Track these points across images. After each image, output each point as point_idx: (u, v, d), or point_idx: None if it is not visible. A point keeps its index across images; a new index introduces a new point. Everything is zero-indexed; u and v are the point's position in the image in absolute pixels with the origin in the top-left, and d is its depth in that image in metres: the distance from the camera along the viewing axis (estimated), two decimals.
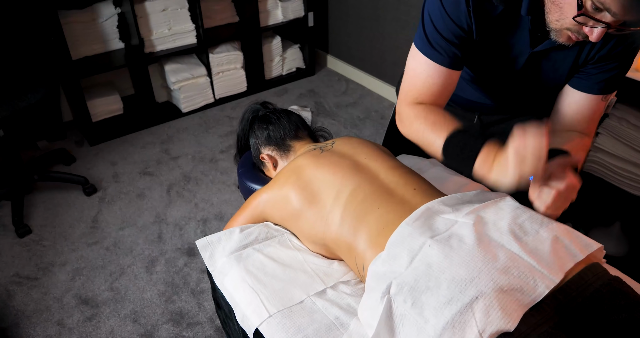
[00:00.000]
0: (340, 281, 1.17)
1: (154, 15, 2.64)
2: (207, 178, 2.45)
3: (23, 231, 2.12)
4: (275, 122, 1.44)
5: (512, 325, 0.81)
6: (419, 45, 1.07)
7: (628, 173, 1.79)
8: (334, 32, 3.32)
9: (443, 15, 1.01)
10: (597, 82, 1.05)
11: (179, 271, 1.95)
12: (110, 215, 2.24)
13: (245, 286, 1.15)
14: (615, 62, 1.03)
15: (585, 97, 1.08)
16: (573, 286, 0.88)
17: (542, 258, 0.89)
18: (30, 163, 2.42)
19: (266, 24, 3.04)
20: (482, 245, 0.90)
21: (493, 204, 1.01)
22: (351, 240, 1.09)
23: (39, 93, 2.09)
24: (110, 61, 2.65)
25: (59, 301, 1.84)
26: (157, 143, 2.73)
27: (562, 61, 1.05)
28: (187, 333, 1.71)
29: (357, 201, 1.11)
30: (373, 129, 2.82)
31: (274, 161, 1.43)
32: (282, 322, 1.07)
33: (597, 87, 1.06)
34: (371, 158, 1.23)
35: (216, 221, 2.19)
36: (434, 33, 1.03)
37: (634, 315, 0.86)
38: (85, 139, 2.76)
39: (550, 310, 0.86)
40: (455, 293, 0.84)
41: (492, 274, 0.85)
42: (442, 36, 1.03)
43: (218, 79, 2.97)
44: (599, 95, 1.07)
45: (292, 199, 1.20)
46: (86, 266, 1.98)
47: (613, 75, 1.04)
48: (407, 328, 0.88)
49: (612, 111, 1.79)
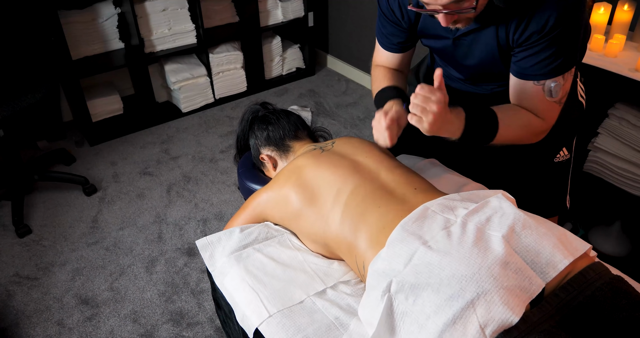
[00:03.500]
0: (340, 281, 1.17)
1: (154, 15, 2.64)
2: (207, 178, 2.45)
3: (23, 231, 2.12)
4: (275, 122, 1.44)
5: (514, 319, 0.81)
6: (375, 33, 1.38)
7: (628, 173, 1.79)
8: (334, 32, 3.32)
9: (380, 13, 1.29)
10: (525, 68, 1.10)
11: (179, 271, 1.95)
12: (110, 215, 2.24)
13: (245, 286, 1.15)
14: (538, 47, 1.06)
15: (519, 82, 1.13)
16: (575, 285, 0.89)
17: (539, 256, 0.90)
18: (30, 163, 2.42)
19: (266, 24, 3.04)
20: (481, 242, 0.91)
21: (492, 202, 1.01)
22: (351, 239, 1.09)
23: (39, 93, 2.09)
24: (110, 61, 2.65)
25: (59, 301, 1.84)
26: (157, 143, 2.73)
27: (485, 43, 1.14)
28: (187, 333, 1.71)
29: (357, 200, 1.11)
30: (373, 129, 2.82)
31: (274, 161, 1.43)
32: (282, 321, 1.07)
33: (526, 72, 1.10)
34: (371, 158, 1.23)
35: (216, 221, 2.19)
36: (378, 28, 1.34)
37: (634, 314, 0.86)
38: (85, 139, 2.76)
39: (551, 308, 0.86)
40: (456, 290, 0.85)
41: (492, 270, 0.86)
42: (382, 32, 1.33)
43: (218, 79, 2.97)
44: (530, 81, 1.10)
45: (293, 199, 1.20)
46: (86, 266, 1.98)
47: (540, 61, 1.07)
48: (408, 325, 0.88)
49: (612, 111, 1.79)
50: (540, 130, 1.17)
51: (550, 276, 0.88)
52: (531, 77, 1.11)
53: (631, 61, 1.65)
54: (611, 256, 1.90)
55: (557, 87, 1.09)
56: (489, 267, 0.86)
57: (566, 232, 0.98)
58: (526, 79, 1.12)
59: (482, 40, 1.14)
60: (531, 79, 1.11)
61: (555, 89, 1.09)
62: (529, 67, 1.10)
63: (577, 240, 0.97)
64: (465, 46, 1.18)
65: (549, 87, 1.09)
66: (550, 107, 1.14)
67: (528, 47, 1.07)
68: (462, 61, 1.24)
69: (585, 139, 1.88)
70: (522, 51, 1.09)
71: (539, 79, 1.10)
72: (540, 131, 1.17)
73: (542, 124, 1.16)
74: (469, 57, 1.21)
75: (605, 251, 1.91)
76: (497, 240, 0.91)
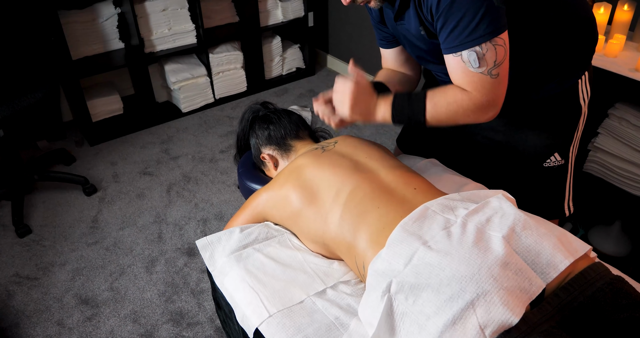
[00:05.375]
0: (340, 281, 1.17)
1: (154, 15, 2.64)
2: (207, 178, 2.45)
3: (23, 231, 2.12)
4: (276, 122, 1.44)
5: (514, 320, 0.81)
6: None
7: (628, 173, 1.79)
8: (334, 32, 3.32)
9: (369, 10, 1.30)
10: (442, 42, 1.10)
11: (179, 271, 1.95)
12: (110, 215, 2.24)
13: (245, 286, 1.15)
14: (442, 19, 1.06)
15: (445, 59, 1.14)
16: (575, 285, 0.89)
17: (539, 256, 0.90)
18: (30, 163, 2.42)
19: (266, 24, 3.04)
20: (481, 242, 0.91)
21: (492, 203, 1.01)
22: (351, 239, 1.09)
23: (39, 93, 2.09)
24: (110, 61, 2.65)
25: (59, 301, 1.84)
26: (157, 143, 2.73)
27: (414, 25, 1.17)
28: (187, 333, 1.71)
29: (356, 200, 1.11)
30: (373, 129, 2.83)
31: (275, 161, 1.43)
32: (282, 322, 1.07)
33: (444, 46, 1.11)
34: (371, 158, 1.23)
35: (216, 221, 2.19)
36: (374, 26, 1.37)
37: (635, 314, 0.86)
38: (85, 139, 2.76)
39: (552, 309, 0.86)
40: (456, 290, 0.85)
41: (492, 270, 0.86)
42: (375, 29, 1.37)
43: (218, 79, 2.97)
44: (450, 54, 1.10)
45: (292, 198, 1.20)
46: (86, 266, 1.98)
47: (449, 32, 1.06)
48: (408, 326, 0.88)
49: (612, 111, 1.79)
50: (474, 105, 1.12)
51: (551, 276, 0.88)
52: (447, 51, 1.10)
53: (631, 61, 1.65)
54: (611, 256, 1.90)
55: (473, 56, 1.05)
56: (489, 268, 0.86)
57: (566, 233, 0.98)
58: (446, 54, 1.11)
59: (411, 23, 1.16)
60: (449, 53, 1.09)
61: (472, 58, 1.06)
62: (444, 41, 1.09)
63: (577, 240, 0.97)
64: (405, 29, 1.21)
65: (467, 58, 1.07)
66: (477, 79, 1.09)
67: (437, 21, 1.07)
68: (411, 45, 1.26)
69: (585, 139, 1.88)
70: (436, 27, 1.09)
71: (453, 51, 1.08)
72: (474, 105, 1.12)
73: (472, 98, 1.11)
74: (412, 40, 1.23)
75: (605, 251, 1.91)
76: (497, 241, 0.91)
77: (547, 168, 1.38)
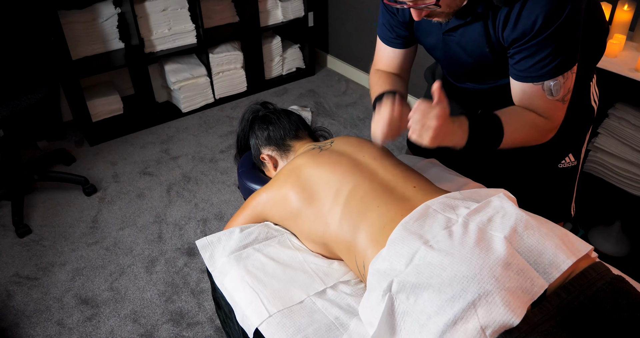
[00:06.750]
0: (340, 281, 1.17)
1: (154, 15, 2.64)
2: (207, 178, 2.45)
3: (23, 231, 2.12)
4: (276, 122, 1.44)
5: (515, 320, 0.81)
6: (377, 30, 1.37)
7: (628, 173, 1.79)
8: (334, 32, 3.31)
9: (381, 3, 1.27)
10: (522, 70, 1.09)
11: (179, 271, 1.95)
12: (110, 215, 2.24)
13: (245, 286, 1.15)
14: (531, 49, 1.05)
15: (518, 84, 1.12)
16: (576, 285, 0.89)
17: (542, 256, 0.90)
18: (30, 163, 2.42)
19: (266, 24, 3.04)
20: (482, 242, 0.91)
21: (493, 202, 1.01)
22: (351, 239, 1.09)
23: (39, 93, 2.09)
24: (110, 61, 2.65)
25: (59, 301, 1.84)
26: (157, 143, 2.73)
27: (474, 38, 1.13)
28: (187, 333, 1.71)
29: (356, 199, 1.11)
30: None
31: (274, 161, 1.43)
32: (282, 321, 1.07)
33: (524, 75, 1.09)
34: (370, 156, 1.23)
35: (216, 221, 2.19)
36: (380, 21, 1.33)
37: (635, 314, 0.86)
38: (85, 139, 2.76)
39: (552, 308, 0.86)
40: (457, 290, 0.85)
41: (494, 271, 0.86)
42: (383, 24, 1.32)
43: (218, 79, 2.97)
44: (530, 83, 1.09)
45: (292, 198, 1.20)
46: (86, 266, 1.98)
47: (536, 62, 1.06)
48: (408, 325, 0.88)
49: (612, 111, 1.79)
50: (547, 129, 1.16)
51: (553, 276, 0.88)
52: (529, 79, 1.10)
53: (631, 61, 1.65)
54: (611, 256, 1.90)
55: (556, 86, 1.08)
56: (491, 268, 0.86)
57: (568, 233, 0.98)
58: (525, 82, 1.11)
59: (470, 36, 1.13)
60: (529, 82, 1.10)
61: (555, 88, 1.08)
62: (526, 69, 1.08)
63: (578, 240, 0.97)
64: (455, 41, 1.17)
65: (548, 87, 1.08)
66: (553, 106, 1.12)
67: (521, 48, 1.06)
68: (455, 57, 1.23)
69: None
70: (516, 53, 1.08)
71: (537, 80, 1.09)
72: (546, 130, 1.16)
73: (548, 123, 1.15)
74: (460, 53, 1.20)
75: (605, 251, 1.91)
76: (499, 241, 0.91)
77: (561, 169, 1.38)
